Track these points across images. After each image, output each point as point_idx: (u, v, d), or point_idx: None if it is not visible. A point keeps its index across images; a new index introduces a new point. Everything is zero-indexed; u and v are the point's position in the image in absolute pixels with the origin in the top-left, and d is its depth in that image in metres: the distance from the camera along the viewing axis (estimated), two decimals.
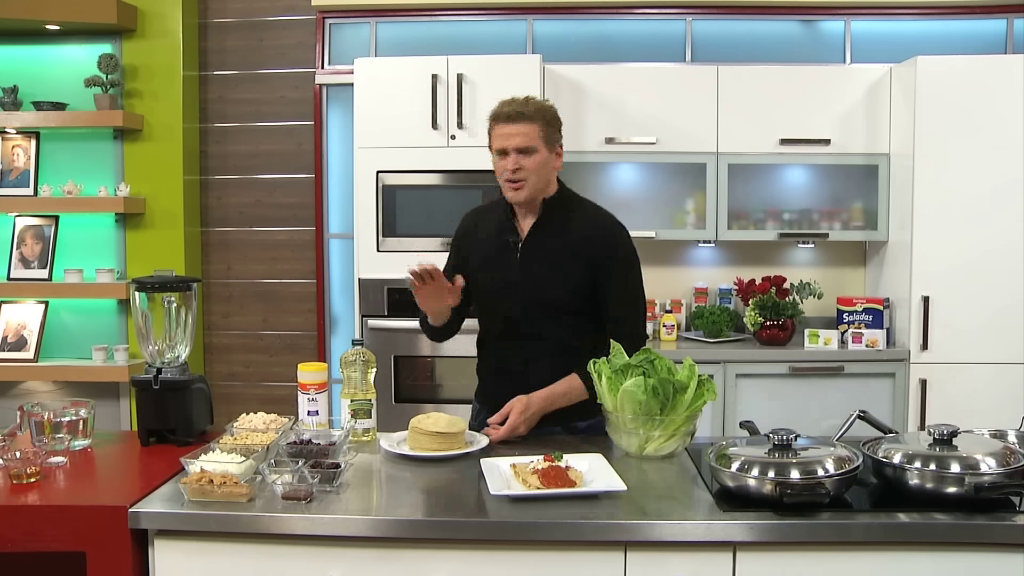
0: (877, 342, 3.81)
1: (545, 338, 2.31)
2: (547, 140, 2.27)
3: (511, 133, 2.24)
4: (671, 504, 1.82)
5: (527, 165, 2.24)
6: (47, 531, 1.74)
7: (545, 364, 2.30)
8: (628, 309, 2.35)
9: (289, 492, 1.77)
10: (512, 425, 2.18)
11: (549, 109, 2.31)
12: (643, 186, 4.22)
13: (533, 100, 2.29)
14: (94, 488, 1.94)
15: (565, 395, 2.27)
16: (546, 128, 2.27)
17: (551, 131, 2.29)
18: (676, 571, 1.69)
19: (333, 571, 1.72)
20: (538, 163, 2.26)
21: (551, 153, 2.29)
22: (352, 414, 2.20)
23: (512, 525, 1.69)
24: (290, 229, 4.50)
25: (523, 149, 2.24)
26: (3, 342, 4.30)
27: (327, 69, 4.42)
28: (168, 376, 2.19)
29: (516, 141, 2.23)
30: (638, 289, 2.38)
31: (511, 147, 2.24)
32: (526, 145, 2.24)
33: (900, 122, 3.88)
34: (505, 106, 2.27)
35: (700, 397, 2.07)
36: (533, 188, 2.27)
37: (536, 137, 2.24)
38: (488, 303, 2.41)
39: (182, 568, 1.77)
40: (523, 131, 2.23)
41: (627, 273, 2.35)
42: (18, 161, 4.33)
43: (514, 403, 2.20)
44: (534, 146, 2.24)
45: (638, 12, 4.32)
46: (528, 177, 2.25)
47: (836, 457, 1.78)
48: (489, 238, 2.39)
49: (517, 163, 2.24)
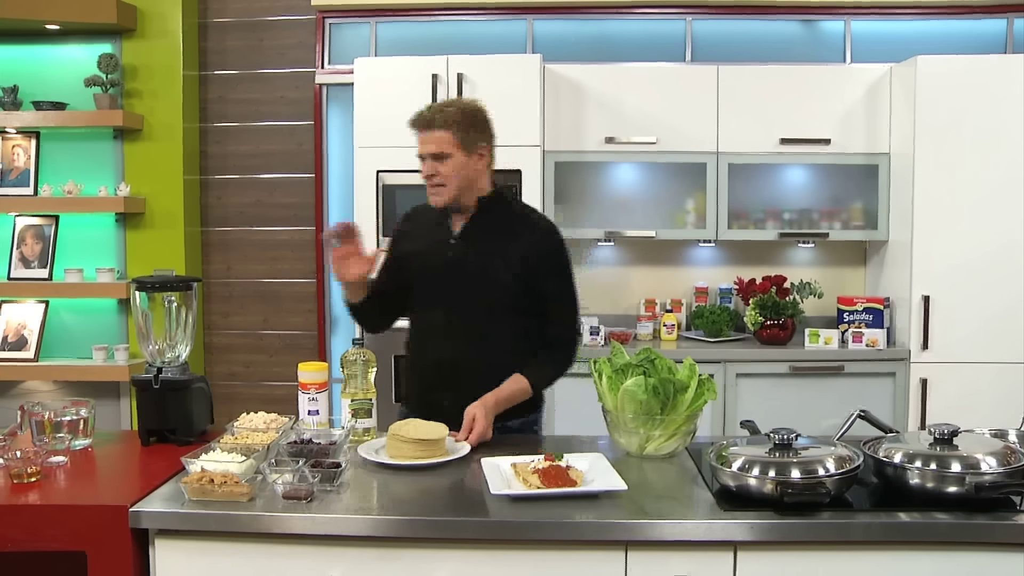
0: (877, 342, 3.81)
1: (477, 336, 2.33)
2: (463, 144, 2.29)
3: (424, 140, 2.30)
4: (672, 503, 1.82)
5: (442, 171, 2.28)
6: (48, 531, 1.74)
7: (477, 362, 2.31)
8: (562, 311, 2.39)
9: (290, 491, 1.77)
10: (481, 433, 2.16)
11: (468, 113, 2.31)
12: (643, 186, 4.22)
13: (455, 104, 2.33)
14: (95, 488, 1.94)
15: (514, 395, 2.29)
16: (460, 133, 2.28)
17: (468, 135, 2.30)
18: (677, 570, 1.69)
19: (334, 571, 1.73)
20: (454, 167, 2.28)
21: (471, 156, 2.31)
22: (353, 414, 2.20)
23: (513, 524, 1.69)
24: (290, 229, 4.50)
25: (436, 155, 2.28)
26: (3, 342, 4.30)
27: (327, 69, 4.42)
28: (168, 376, 2.19)
29: (429, 148, 2.29)
30: (570, 298, 2.40)
31: (426, 153, 2.30)
32: (438, 151, 2.28)
33: (900, 122, 3.88)
34: (419, 113, 2.32)
35: (700, 397, 2.08)
36: (453, 191, 2.31)
37: (449, 143, 2.27)
38: (422, 299, 2.43)
39: (182, 567, 1.77)
40: (435, 138, 2.28)
41: (561, 275, 2.38)
42: (18, 161, 4.33)
43: (474, 412, 2.18)
44: (447, 152, 2.28)
45: (638, 12, 4.32)
46: (445, 182, 2.29)
47: (837, 456, 1.78)
48: (424, 235, 2.44)
49: (432, 169, 2.29)
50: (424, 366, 2.40)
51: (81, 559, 1.75)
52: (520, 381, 2.30)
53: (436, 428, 2.05)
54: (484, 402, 2.21)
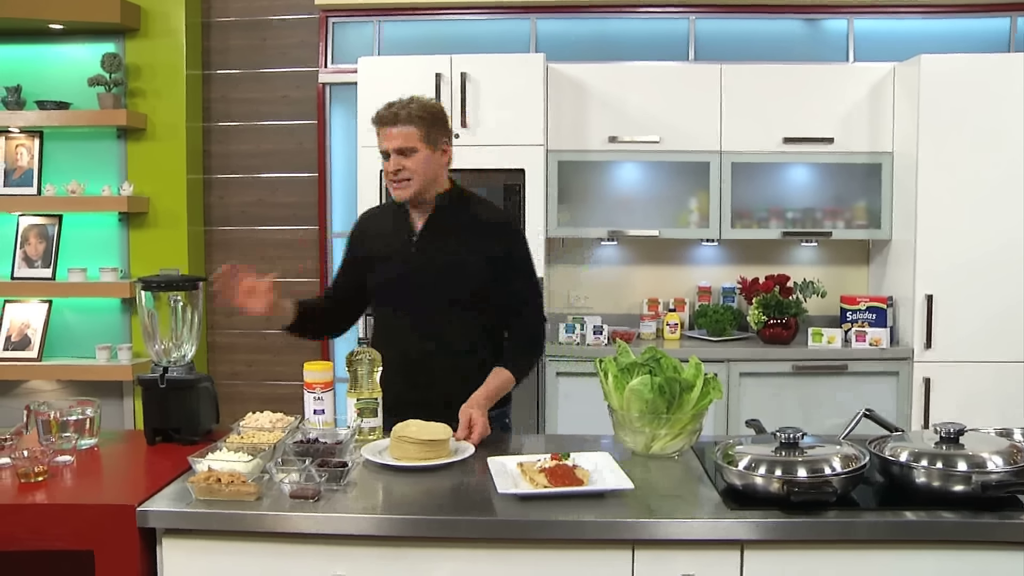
0: (881, 341, 3.81)
1: (443, 332, 2.35)
2: (428, 139, 2.33)
3: (391, 136, 2.32)
4: (678, 502, 1.82)
5: (408, 165, 2.31)
6: (55, 530, 1.74)
7: (444, 358, 2.33)
8: (527, 303, 2.43)
9: (297, 491, 1.77)
10: (482, 431, 2.17)
11: (430, 110, 2.35)
12: (646, 185, 4.22)
13: (417, 101, 2.35)
14: (102, 487, 1.95)
15: (500, 389, 2.33)
16: (426, 129, 2.32)
17: (432, 131, 2.34)
18: (684, 569, 1.69)
19: (340, 570, 1.73)
20: (419, 162, 2.32)
21: (435, 151, 2.35)
22: (358, 413, 2.20)
23: (520, 523, 1.69)
24: (292, 228, 4.50)
25: (402, 150, 2.31)
26: (7, 341, 4.31)
27: (330, 68, 4.42)
28: (174, 375, 2.19)
29: (396, 143, 2.31)
30: (534, 286, 2.46)
31: (391, 148, 2.32)
32: (405, 146, 2.31)
33: (903, 121, 3.88)
34: (384, 109, 2.34)
35: (706, 396, 2.08)
36: (417, 186, 2.34)
37: (415, 138, 2.31)
38: (385, 298, 2.45)
39: (190, 566, 1.77)
40: (402, 133, 2.30)
41: (523, 265, 2.43)
42: (22, 160, 4.33)
43: (470, 411, 2.20)
44: (413, 147, 2.31)
45: (641, 11, 4.32)
46: (411, 177, 2.32)
47: (843, 456, 1.78)
48: (385, 234, 2.46)
49: (398, 164, 2.32)
50: (390, 363, 2.39)
51: (88, 558, 1.75)
52: (502, 374, 2.34)
53: (440, 429, 2.04)
54: (476, 401, 2.23)
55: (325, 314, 2.55)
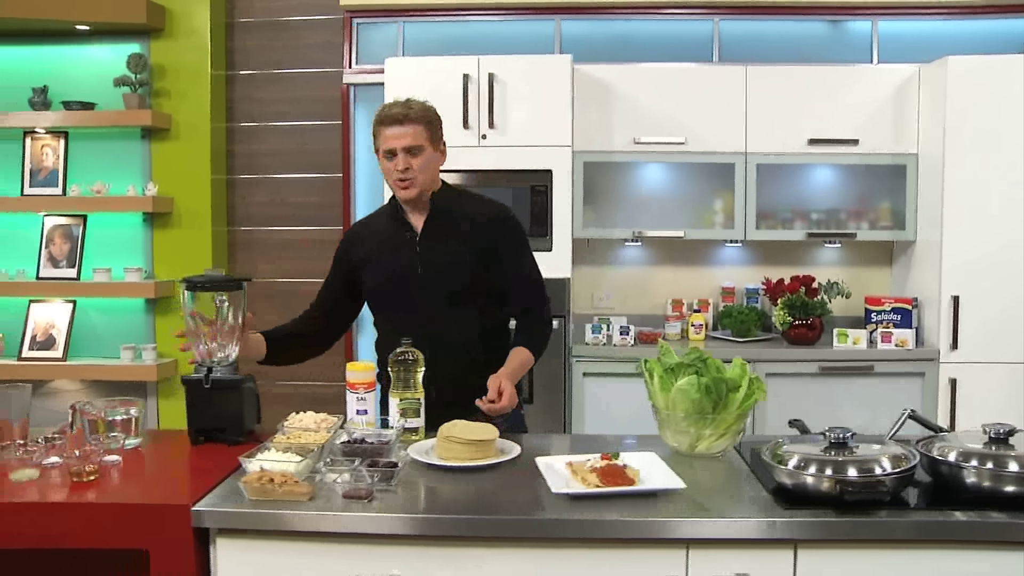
0: (907, 341, 3.81)
1: (451, 328, 2.37)
2: (431, 140, 2.37)
3: (399, 134, 2.33)
4: (730, 502, 1.82)
5: (415, 164, 2.34)
6: (110, 529, 1.75)
7: (446, 357, 2.33)
8: (531, 284, 2.48)
9: (351, 491, 1.78)
10: (510, 395, 2.21)
11: (431, 110, 2.40)
12: (671, 186, 4.22)
13: (414, 102, 2.38)
14: (155, 487, 1.95)
15: (523, 366, 2.38)
16: (429, 128, 2.36)
17: (434, 131, 2.39)
18: (737, 568, 1.69)
19: (395, 569, 1.73)
20: (424, 161, 2.35)
21: (436, 151, 2.40)
22: (401, 413, 2.21)
23: (575, 523, 1.70)
24: (315, 228, 4.51)
25: (411, 149, 2.33)
26: (32, 341, 4.32)
27: (354, 69, 4.43)
28: (219, 375, 2.20)
29: (405, 141, 2.33)
30: (535, 269, 2.51)
31: (399, 147, 2.33)
32: (414, 144, 2.33)
33: (929, 122, 3.88)
34: (390, 109, 2.36)
35: (751, 396, 2.08)
36: (422, 185, 2.37)
37: (423, 137, 2.34)
38: (389, 302, 2.46)
39: (243, 566, 1.77)
40: (412, 132, 2.33)
41: (522, 253, 2.48)
42: (47, 160, 4.34)
43: (500, 380, 2.23)
44: (421, 145, 2.34)
45: (664, 12, 4.33)
46: (416, 176, 2.34)
47: (891, 455, 1.79)
48: (383, 240, 2.47)
49: (407, 163, 2.33)
50: None
51: (138, 556, 1.76)
52: (522, 352, 2.39)
53: (487, 429, 2.05)
54: (505, 373, 2.27)
55: (298, 339, 2.54)
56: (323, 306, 2.59)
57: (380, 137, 2.36)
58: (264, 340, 2.43)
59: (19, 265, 4.38)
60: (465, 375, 2.32)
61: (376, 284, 2.47)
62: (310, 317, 2.60)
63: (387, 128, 2.34)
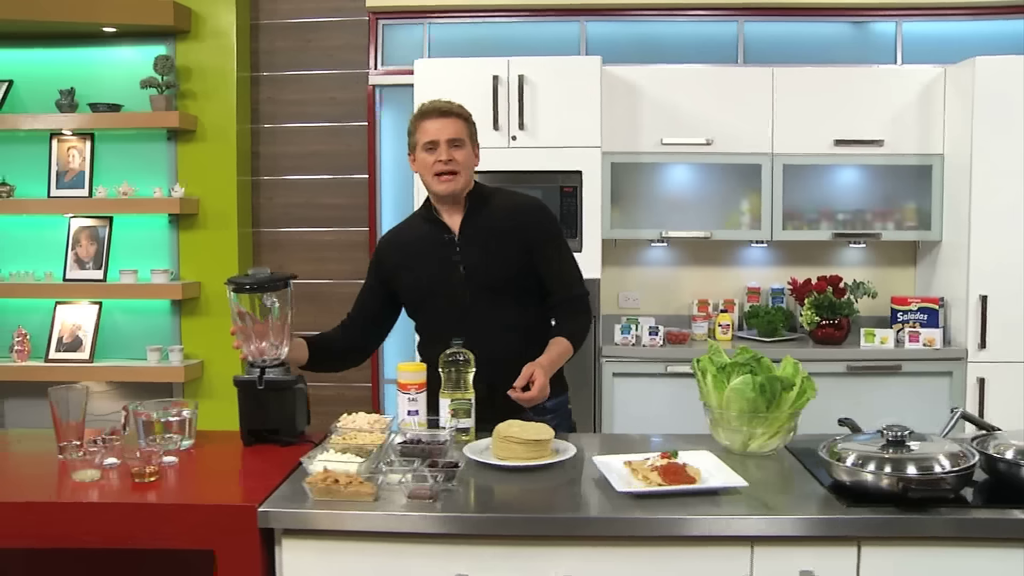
0: (935, 341, 3.83)
1: (493, 324, 2.38)
2: (471, 138, 2.41)
3: (442, 126, 2.35)
4: (791, 499, 1.84)
5: (457, 157, 2.36)
6: (177, 529, 1.76)
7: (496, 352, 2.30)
8: (569, 275, 2.48)
9: (415, 491, 1.79)
10: (542, 385, 2.21)
11: (469, 112, 2.43)
12: (697, 186, 4.22)
13: (453, 102, 2.41)
14: (218, 487, 1.97)
15: (561, 356, 2.37)
16: (469, 127, 2.41)
17: (473, 130, 2.43)
18: (802, 566, 1.71)
19: (461, 568, 1.74)
20: (466, 156, 2.38)
21: (474, 148, 2.42)
22: (452, 414, 2.22)
23: (641, 521, 1.71)
24: (340, 230, 4.52)
25: (454, 140, 2.35)
26: (59, 343, 4.33)
27: (379, 70, 4.44)
28: (271, 376, 2.21)
29: (449, 133, 2.35)
30: (571, 256, 2.52)
31: (443, 138, 2.34)
32: (457, 136, 2.36)
33: (956, 122, 3.90)
34: (434, 103, 2.39)
35: (803, 395, 2.10)
36: (464, 180, 2.39)
37: (464, 131, 2.38)
38: (431, 305, 2.46)
39: (309, 566, 1.78)
40: (455, 124, 2.37)
41: (558, 245, 2.49)
42: (73, 163, 4.35)
43: (534, 368, 2.23)
44: (463, 139, 2.37)
45: (689, 14, 4.34)
46: (458, 170, 2.36)
47: (949, 453, 1.80)
48: (420, 243, 2.46)
49: (450, 155, 2.34)
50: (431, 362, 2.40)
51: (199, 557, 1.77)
52: (561, 343, 2.39)
53: (543, 429, 2.07)
54: (540, 362, 2.26)
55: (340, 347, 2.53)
56: (363, 313, 2.58)
57: (420, 131, 2.37)
58: (306, 345, 2.43)
59: (46, 267, 4.39)
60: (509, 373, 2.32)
61: (416, 288, 2.47)
62: (351, 325, 2.58)
63: (429, 121, 2.36)
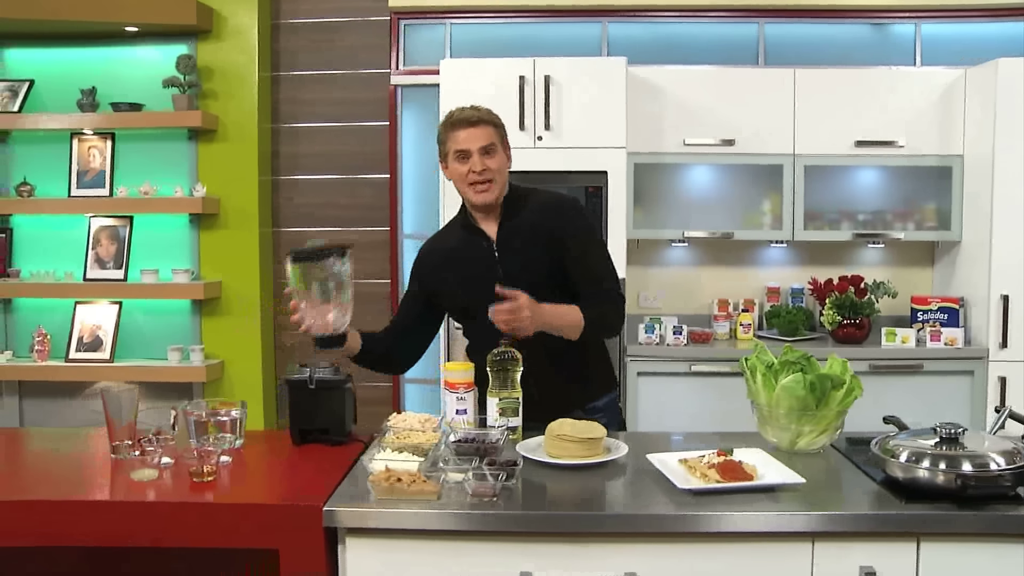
0: (956, 340, 3.86)
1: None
2: (502, 143, 2.38)
3: (473, 135, 2.32)
4: (847, 495, 1.86)
5: (491, 165, 2.34)
6: (243, 528, 1.77)
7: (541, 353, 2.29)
8: (598, 270, 2.44)
9: (478, 489, 1.80)
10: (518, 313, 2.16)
11: (498, 116, 2.40)
12: (719, 187, 4.25)
13: (481, 107, 2.39)
14: (280, 487, 1.98)
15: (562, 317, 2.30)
16: (499, 132, 2.38)
17: (503, 135, 2.40)
18: (861, 561, 1.73)
19: (526, 566, 1.75)
20: (500, 163, 2.36)
21: (506, 153, 2.40)
22: (500, 412, 2.23)
23: (703, 518, 1.73)
24: (361, 230, 4.52)
25: (487, 148, 2.33)
26: (79, 343, 4.33)
27: (401, 70, 4.45)
28: (321, 375, 2.22)
29: (480, 141, 2.32)
30: (603, 252, 2.51)
31: (475, 148, 2.32)
32: (489, 143, 2.33)
33: (976, 124, 3.93)
34: (460, 113, 2.36)
35: (851, 393, 2.13)
36: (500, 187, 2.37)
37: (495, 137, 2.35)
38: (475, 309, 2.41)
39: (372, 565, 1.79)
40: (486, 132, 2.33)
41: (591, 241, 2.48)
42: (94, 162, 4.35)
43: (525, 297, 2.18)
44: (495, 143, 2.34)
45: (710, 15, 4.36)
46: (493, 178, 2.34)
47: (1002, 450, 1.83)
48: (459, 252, 2.46)
49: (483, 164, 2.32)
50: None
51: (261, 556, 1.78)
52: (571, 307, 2.32)
53: (596, 428, 2.08)
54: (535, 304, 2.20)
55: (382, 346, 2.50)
56: (404, 319, 2.57)
57: (450, 140, 2.35)
58: (360, 337, 2.41)
59: (66, 267, 4.39)
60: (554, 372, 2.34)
61: (459, 296, 2.47)
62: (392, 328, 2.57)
63: (459, 130, 2.34)
